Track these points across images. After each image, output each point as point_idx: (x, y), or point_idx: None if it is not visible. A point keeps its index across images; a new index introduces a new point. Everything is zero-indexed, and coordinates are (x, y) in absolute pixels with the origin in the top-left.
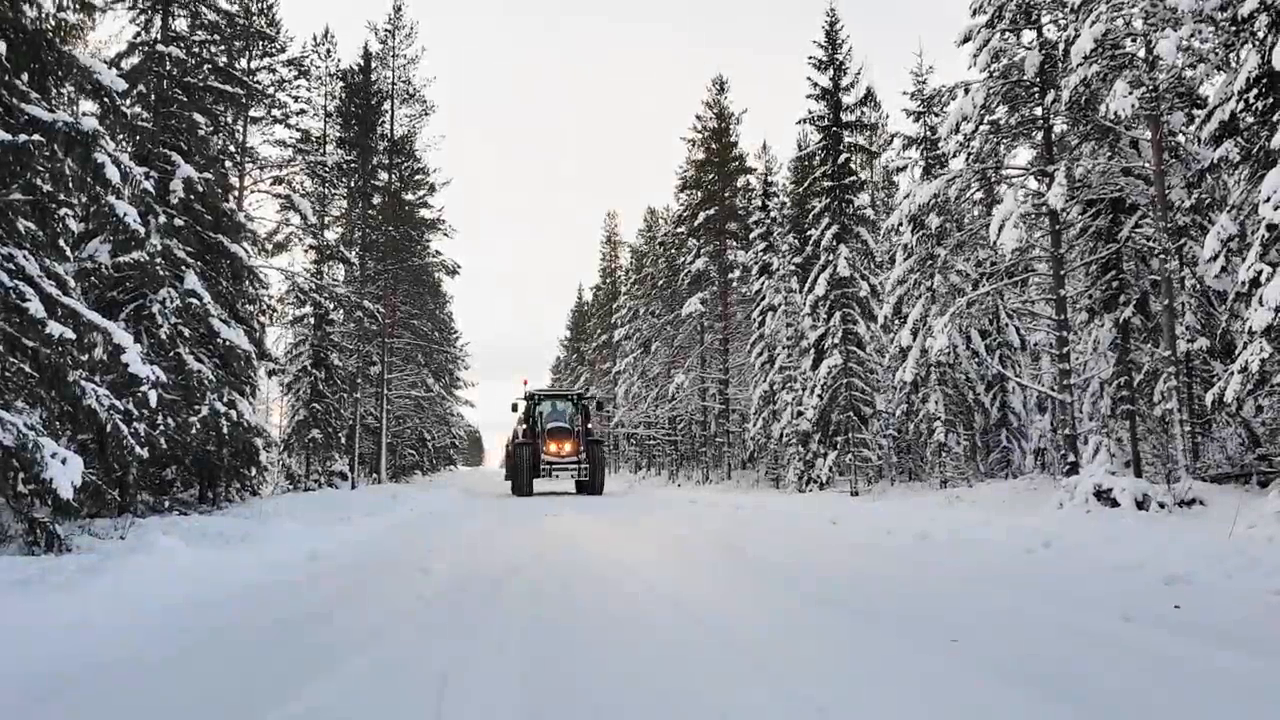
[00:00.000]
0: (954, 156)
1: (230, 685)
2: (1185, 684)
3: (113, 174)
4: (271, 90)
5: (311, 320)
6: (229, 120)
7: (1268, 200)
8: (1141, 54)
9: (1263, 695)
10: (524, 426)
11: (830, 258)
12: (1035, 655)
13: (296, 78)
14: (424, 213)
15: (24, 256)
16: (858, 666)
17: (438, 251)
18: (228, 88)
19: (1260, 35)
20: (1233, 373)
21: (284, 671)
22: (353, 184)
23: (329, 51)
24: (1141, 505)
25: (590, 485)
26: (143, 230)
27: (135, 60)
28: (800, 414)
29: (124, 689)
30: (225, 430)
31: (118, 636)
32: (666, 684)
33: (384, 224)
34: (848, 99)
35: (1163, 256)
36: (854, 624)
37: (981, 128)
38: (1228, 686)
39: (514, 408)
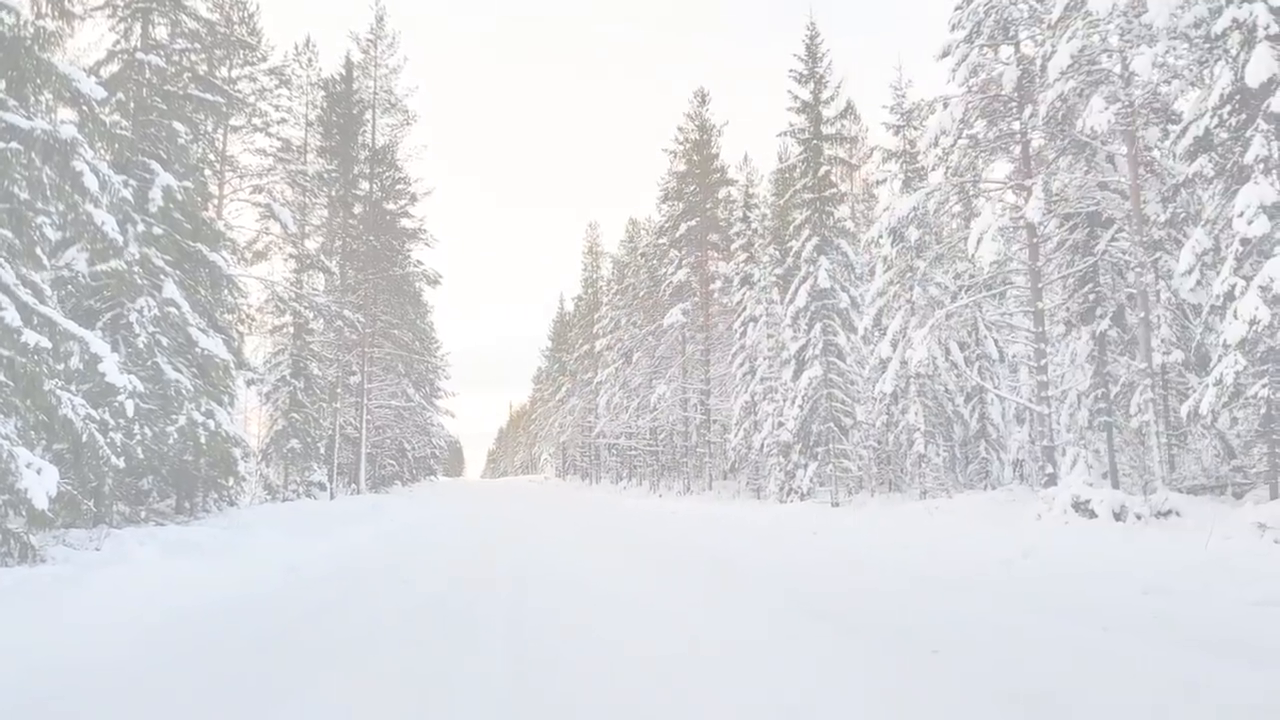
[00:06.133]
0: (933, 170)
1: (206, 700)
2: (1163, 692)
3: (91, 182)
4: (252, 99)
5: (291, 329)
6: (209, 129)
7: (1241, 214)
8: (1118, 70)
9: (1239, 701)
10: None
11: (811, 269)
12: (1014, 665)
13: (277, 87)
14: (405, 222)
15: None
16: (837, 676)
17: (419, 261)
18: (208, 96)
19: (1233, 53)
20: (1208, 385)
21: (262, 685)
22: (333, 193)
23: (310, 61)
24: (1119, 516)
25: None
26: (121, 239)
27: (114, 68)
28: (781, 424)
29: (96, 704)
30: (203, 440)
31: (92, 651)
32: (652, 686)
33: (364, 233)
34: (828, 112)
35: (1138, 270)
36: (835, 633)
37: (960, 142)
38: (1205, 694)
39: None
